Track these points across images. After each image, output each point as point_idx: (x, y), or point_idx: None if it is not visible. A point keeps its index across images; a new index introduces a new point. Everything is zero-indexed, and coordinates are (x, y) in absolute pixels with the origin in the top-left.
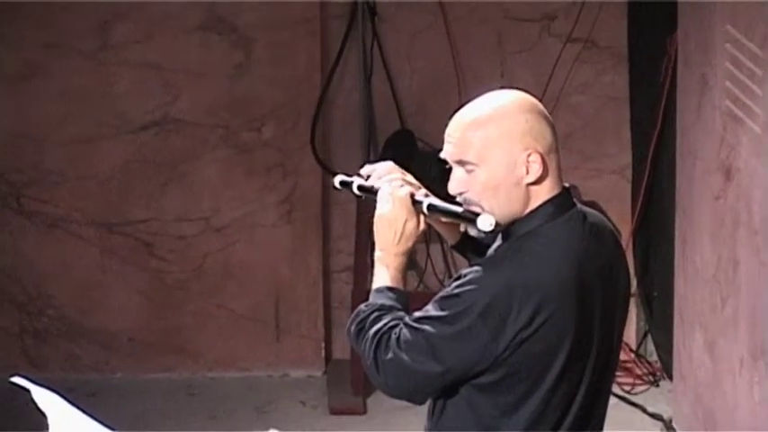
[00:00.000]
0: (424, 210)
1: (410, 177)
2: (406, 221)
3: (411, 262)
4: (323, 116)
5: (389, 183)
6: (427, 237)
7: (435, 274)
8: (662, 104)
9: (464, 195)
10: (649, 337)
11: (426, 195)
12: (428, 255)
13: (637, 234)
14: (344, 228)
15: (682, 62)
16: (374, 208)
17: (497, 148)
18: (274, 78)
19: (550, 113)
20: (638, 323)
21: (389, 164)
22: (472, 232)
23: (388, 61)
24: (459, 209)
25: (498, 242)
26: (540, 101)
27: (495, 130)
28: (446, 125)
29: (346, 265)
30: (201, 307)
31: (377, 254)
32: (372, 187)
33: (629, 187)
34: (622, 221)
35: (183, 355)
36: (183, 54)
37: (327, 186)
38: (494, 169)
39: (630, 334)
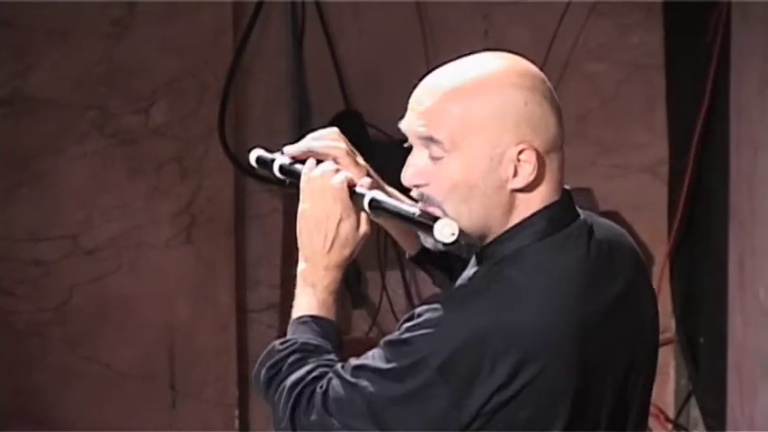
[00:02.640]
0: (365, 205)
1: (360, 159)
2: (340, 221)
3: (359, 287)
4: (236, 93)
5: (316, 164)
6: (381, 259)
7: (393, 313)
8: (710, 75)
9: (422, 190)
10: (693, 401)
11: (374, 187)
12: (383, 285)
13: (675, 256)
14: (266, 250)
15: (738, 16)
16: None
17: (480, 134)
18: (167, 40)
19: (555, 86)
20: (677, 381)
21: (333, 131)
22: (427, 243)
23: (326, 15)
24: (412, 209)
25: (472, 268)
26: (541, 69)
27: (480, 108)
28: (407, 102)
29: (269, 302)
30: (66, 360)
31: (300, 266)
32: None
33: (665, 190)
34: (656, 239)
35: (41, 426)
36: (39, 7)
37: (242, 191)
38: (470, 162)
39: (667, 396)
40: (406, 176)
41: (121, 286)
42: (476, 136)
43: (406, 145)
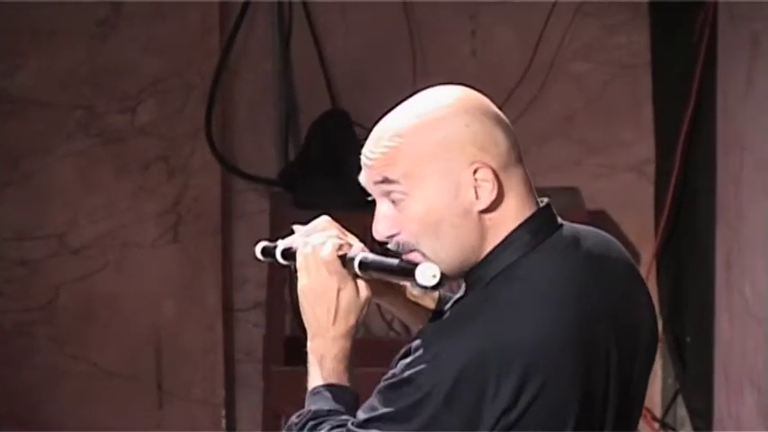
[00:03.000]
0: (356, 269)
1: (352, 238)
2: (339, 291)
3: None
4: (222, 93)
5: (313, 240)
6: None
7: None
8: (697, 75)
9: (396, 239)
10: (680, 401)
11: (364, 250)
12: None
13: (662, 257)
14: (253, 249)
15: (725, 15)
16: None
17: (431, 166)
18: (154, 40)
19: (541, 86)
20: (664, 381)
21: (324, 219)
22: (415, 291)
23: (313, 15)
24: (394, 260)
25: (460, 293)
26: (528, 69)
27: (423, 143)
28: (395, 103)
29: (255, 302)
30: (53, 360)
31: (309, 344)
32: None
33: (651, 190)
34: (642, 238)
35: (27, 426)
36: (25, 7)
37: (229, 190)
38: (430, 196)
39: (653, 395)
40: (377, 231)
41: (108, 285)
42: (427, 169)
43: (369, 199)
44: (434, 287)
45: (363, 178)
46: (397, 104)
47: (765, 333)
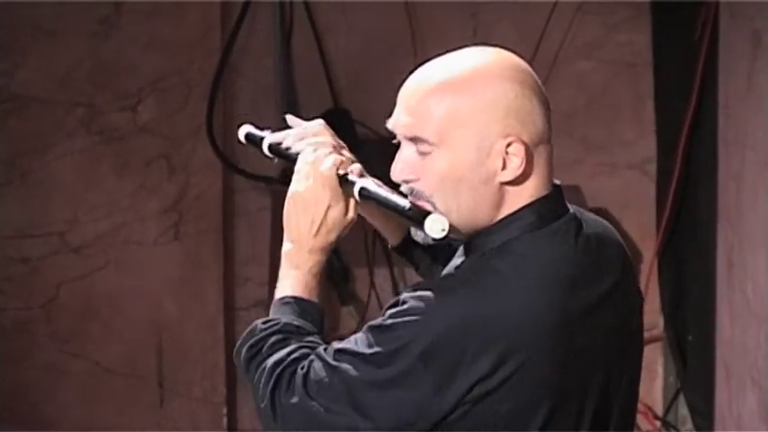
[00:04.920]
0: (355, 194)
1: (347, 152)
2: (329, 207)
3: (348, 284)
4: (223, 90)
5: (313, 148)
6: (369, 256)
7: (382, 310)
8: (698, 73)
9: (411, 185)
10: (681, 399)
11: (362, 175)
12: (371, 283)
13: (663, 255)
14: (254, 247)
15: (726, 13)
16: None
17: (467, 128)
18: (155, 38)
19: (542, 84)
20: (665, 379)
21: (319, 123)
22: (417, 237)
23: (314, 13)
24: (403, 201)
25: (459, 258)
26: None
27: (467, 102)
28: (395, 100)
29: (257, 299)
30: (53, 357)
31: (285, 247)
32: (289, 150)
33: (652, 188)
34: (644, 236)
35: (28, 425)
36: (26, 5)
37: (230, 188)
38: (458, 155)
39: (655, 394)
40: (396, 172)
41: (109, 284)
42: (463, 129)
43: (394, 141)
44: (439, 239)
45: (392, 122)
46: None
47: (766, 331)
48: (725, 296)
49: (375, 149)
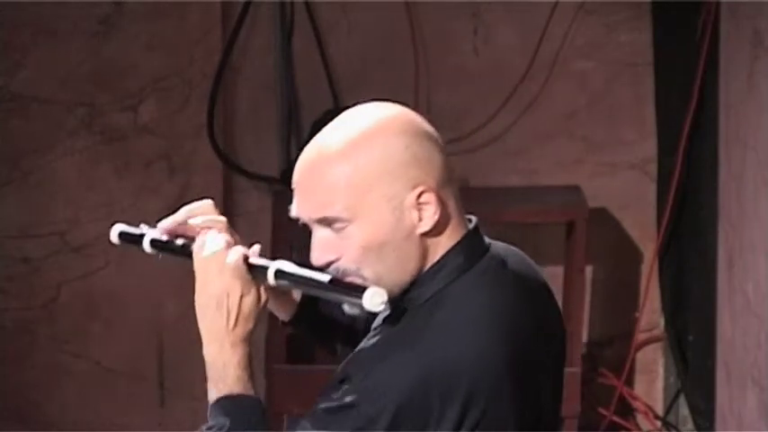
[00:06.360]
0: (270, 278)
1: (234, 233)
2: (242, 296)
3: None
4: (224, 90)
5: (211, 241)
6: None
7: None
8: (699, 73)
9: (336, 265)
10: (682, 399)
11: (262, 255)
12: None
13: (664, 255)
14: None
15: (727, 13)
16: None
17: (374, 191)
18: (155, 38)
19: (543, 84)
20: (666, 379)
21: (207, 203)
22: (352, 311)
23: (315, 13)
24: (324, 277)
25: (384, 314)
26: (530, 67)
27: (363, 166)
28: (396, 102)
29: None
30: (54, 358)
31: (206, 350)
32: (181, 244)
33: (653, 188)
34: (645, 236)
35: (29, 425)
36: (26, 5)
37: (230, 188)
38: (374, 222)
39: (656, 394)
40: (315, 257)
41: (110, 283)
42: (370, 194)
43: (301, 223)
44: (377, 312)
45: (296, 211)
46: (395, 102)
47: (767, 331)
48: (725, 296)
49: None
